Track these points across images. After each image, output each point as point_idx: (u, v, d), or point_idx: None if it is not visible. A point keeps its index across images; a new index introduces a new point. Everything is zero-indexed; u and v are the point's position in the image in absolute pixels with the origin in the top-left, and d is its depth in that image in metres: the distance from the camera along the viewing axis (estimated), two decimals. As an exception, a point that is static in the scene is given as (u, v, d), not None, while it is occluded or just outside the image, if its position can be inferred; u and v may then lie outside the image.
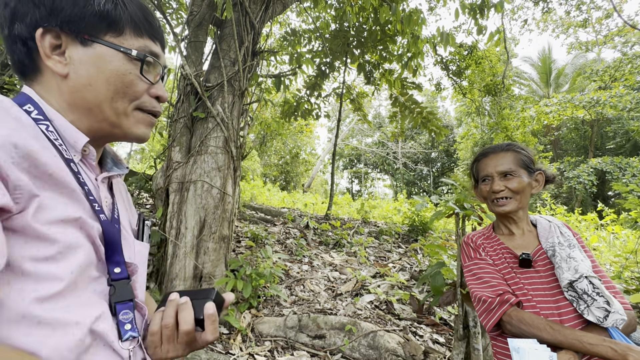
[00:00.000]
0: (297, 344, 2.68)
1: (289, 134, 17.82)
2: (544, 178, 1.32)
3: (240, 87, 3.03)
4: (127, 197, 0.79)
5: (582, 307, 1.09)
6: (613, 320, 1.04)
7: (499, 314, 1.15)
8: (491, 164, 1.28)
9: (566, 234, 1.28)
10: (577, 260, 1.16)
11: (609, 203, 17.68)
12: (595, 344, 0.95)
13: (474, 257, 1.35)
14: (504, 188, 1.24)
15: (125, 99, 0.60)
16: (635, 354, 0.86)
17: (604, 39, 11.89)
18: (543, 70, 21.57)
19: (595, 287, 1.10)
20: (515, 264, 1.28)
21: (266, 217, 6.56)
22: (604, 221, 8.62)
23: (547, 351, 0.95)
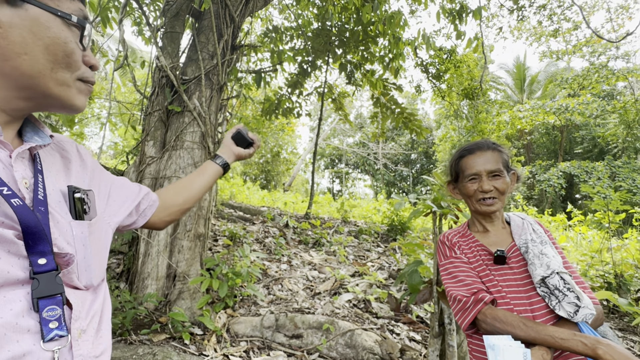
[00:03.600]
0: (274, 344, 2.63)
1: (270, 132, 17.66)
2: (516, 178, 1.34)
3: (218, 82, 2.95)
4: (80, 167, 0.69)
5: (553, 303, 1.11)
6: (583, 315, 1.06)
7: (474, 312, 1.14)
8: (479, 162, 1.26)
9: (538, 231, 1.30)
10: (549, 257, 1.18)
11: (577, 205, 18.56)
12: (567, 338, 0.96)
13: (449, 255, 1.34)
14: (492, 188, 1.24)
15: (67, 70, 0.54)
16: (604, 347, 0.88)
17: (573, 48, 12.46)
18: (517, 77, 22.42)
19: (566, 282, 1.12)
20: (490, 261, 1.28)
21: (245, 216, 6.46)
22: (572, 222, 9.04)
23: (521, 347, 0.96)
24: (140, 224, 0.88)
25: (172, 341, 2.32)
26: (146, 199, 0.87)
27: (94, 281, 0.60)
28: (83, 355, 0.55)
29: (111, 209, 0.75)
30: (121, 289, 2.70)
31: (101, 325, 0.61)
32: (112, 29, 3.47)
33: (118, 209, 0.77)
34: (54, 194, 0.58)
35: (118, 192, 0.79)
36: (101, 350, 0.59)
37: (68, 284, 0.55)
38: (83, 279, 0.57)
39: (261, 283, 3.52)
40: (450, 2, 5.14)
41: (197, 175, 1.02)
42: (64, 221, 0.57)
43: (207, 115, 2.82)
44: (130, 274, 2.85)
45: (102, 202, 0.73)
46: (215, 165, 1.06)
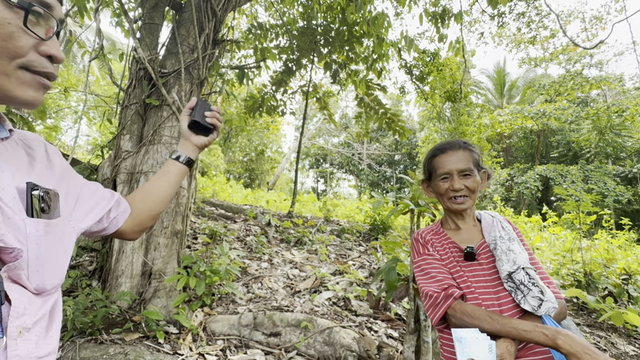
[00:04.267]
0: (252, 342, 2.61)
1: (255, 131, 17.50)
2: (486, 176, 1.37)
3: (199, 76, 2.90)
4: (45, 167, 0.66)
5: (519, 297, 1.14)
6: (546, 309, 1.10)
7: (444, 308, 1.16)
8: (451, 161, 1.28)
9: (507, 228, 1.34)
10: (516, 253, 1.22)
11: (551, 207, 19.26)
12: (529, 330, 0.99)
13: (422, 252, 1.36)
14: (463, 187, 1.26)
15: (4, 56, 0.50)
16: (563, 337, 0.91)
17: (550, 56, 12.91)
18: (498, 82, 23.08)
19: (531, 277, 1.16)
20: (461, 258, 1.31)
21: (227, 214, 6.38)
22: (547, 223, 9.38)
23: (486, 339, 0.98)
24: (111, 232, 0.84)
25: (145, 340, 2.26)
26: (118, 207, 0.84)
27: (47, 284, 0.57)
28: (21, 356, 0.52)
29: (78, 213, 0.72)
30: (93, 287, 2.62)
31: (52, 325, 0.58)
32: (90, 19, 3.36)
33: (86, 215, 0.74)
34: (9, 189, 0.55)
35: (88, 197, 0.76)
36: (48, 351, 0.56)
37: (15, 280, 0.53)
38: (34, 280, 0.55)
39: (240, 281, 3.49)
40: (433, 6, 5.24)
41: (159, 178, 0.98)
42: (16, 217, 0.54)
43: (186, 110, 2.76)
44: (103, 271, 2.76)
45: (69, 206, 0.70)
46: (178, 164, 1.01)
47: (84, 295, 2.33)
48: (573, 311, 4.37)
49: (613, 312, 3.49)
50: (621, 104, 16.77)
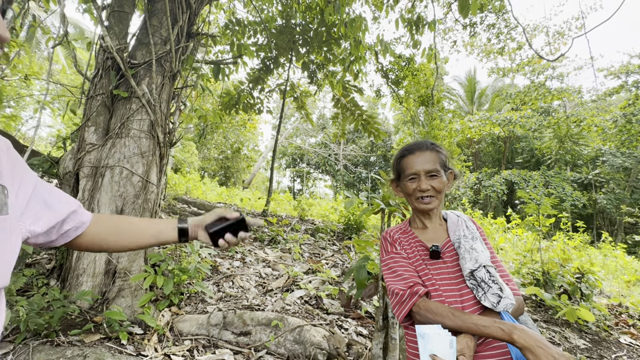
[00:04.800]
0: (221, 341, 2.57)
1: (231, 128, 17.19)
2: (453, 176, 1.41)
3: (171, 69, 2.81)
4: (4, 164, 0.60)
5: (480, 294, 1.19)
6: (504, 305, 1.15)
7: (410, 305, 1.18)
8: (418, 162, 1.31)
9: (471, 227, 1.39)
10: (478, 251, 1.27)
11: (516, 209, 20.30)
12: (488, 325, 1.03)
13: (390, 251, 1.38)
14: (430, 187, 1.29)
15: None
16: (518, 332, 0.96)
17: (517, 67, 13.61)
18: (469, 89, 24.04)
19: (492, 275, 1.21)
20: (427, 256, 1.34)
21: (199, 212, 6.22)
22: (511, 225, 9.86)
23: (448, 335, 1.02)
24: (59, 244, 0.76)
25: (107, 342, 2.17)
26: (74, 218, 0.76)
27: None
28: None
29: (29, 214, 0.66)
30: (51, 287, 2.47)
31: None
32: (55, 4, 3.17)
33: (37, 218, 0.67)
34: None
35: (41, 199, 0.68)
36: None
37: None
38: None
39: (211, 280, 3.42)
40: (408, 12, 5.38)
41: (147, 228, 0.90)
42: None
43: (157, 103, 2.67)
44: (62, 270, 2.62)
45: (20, 204, 0.64)
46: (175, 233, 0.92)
47: (39, 295, 2.20)
48: (532, 308, 4.63)
49: (567, 308, 3.73)
50: (579, 115, 17.96)
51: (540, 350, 0.90)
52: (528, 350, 0.92)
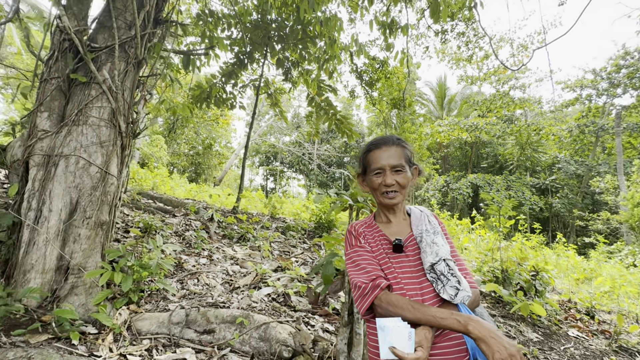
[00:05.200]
0: (182, 340, 2.48)
1: (202, 123, 16.70)
2: (417, 172, 1.43)
3: (136, 56, 2.68)
4: None
5: (439, 287, 1.21)
6: (461, 297, 1.18)
7: (371, 298, 1.18)
8: (384, 157, 1.31)
9: (433, 222, 1.42)
10: (439, 245, 1.29)
11: (480, 211, 21.29)
12: (445, 317, 1.06)
13: (354, 244, 1.38)
14: (394, 182, 1.30)
15: None
16: (473, 323, 0.99)
17: (484, 76, 14.28)
18: (439, 95, 24.91)
19: (451, 268, 1.24)
20: (390, 250, 1.35)
21: (166, 208, 5.99)
22: (475, 226, 10.31)
23: (407, 328, 1.04)
24: None
25: (55, 342, 2.02)
26: None
27: None
28: None
29: None
30: (-7, 284, 2.27)
31: None
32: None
33: None
34: None
35: None
36: None
37: None
38: None
39: (175, 277, 3.29)
40: (383, 15, 5.48)
41: None
42: None
43: (119, 91, 2.54)
44: (8, 266, 2.42)
45: None
46: None
47: (-21, 293, 2.02)
48: (491, 304, 4.86)
49: (522, 304, 3.96)
50: (539, 124, 19.14)
51: (492, 340, 0.93)
52: (481, 341, 0.95)
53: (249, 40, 6.30)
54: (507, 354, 0.89)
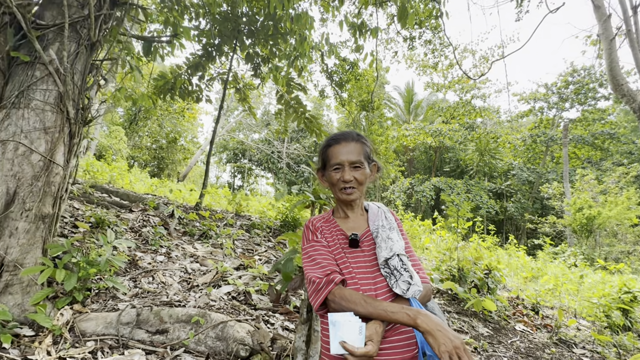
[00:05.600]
0: (132, 341, 2.35)
1: (167, 116, 15.98)
2: (376, 169, 1.45)
3: (89, 37, 2.50)
4: None
5: (392, 282, 1.23)
6: (412, 292, 1.20)
7: (325, 293, 1.18)
8: (343, 152, 1.31)
9: (389, 218, 1.44)
10: (394, 241, 1.31)
11: (442, 213, 22.26)
12: (396, 311, 1.07)
13: (311, 239, 1.37)
14: (353, 178, 1.30)
15: None
16: (422, 317, 1.01)
17: (448, 84, 14.94)
18: (407, 100, 25.73)
19: (404, 263, 1.26)
20: (346, 244, 1.36)
21: (122, 202, 5.65)
22: (436, 227, 10.75)
23: (358, 322, 1.04)
24: None
25: (-17, 345, 1.83)
26: None
27: None
28: None
29: None
30: None
31: None
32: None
33: None
34: None
35: None
36: None
37: None
38: None
39: (127, 275, 3.11)
40: (353, 17, 5.55)
41: None
42: None
43: (68, 73, 2.35)
44: None
45: None
46: None
47: None
48: (447, 301, 5.08)
49: (475, 300, 4.18)
50: (497, 132, 20.32)
51: (439, 333, 0.96)
52: (429, 334, 0.97)
53: (218, 33, 6.11)
54: (452, 346, 0.92)
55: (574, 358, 3.63)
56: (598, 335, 3.65)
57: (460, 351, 0.91)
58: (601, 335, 3.69)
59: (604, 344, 4.12)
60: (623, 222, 15.26)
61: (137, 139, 17.61)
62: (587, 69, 19.68)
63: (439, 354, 0.92)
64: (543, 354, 3.62)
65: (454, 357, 0.90)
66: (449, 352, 0.90)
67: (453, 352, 0.90)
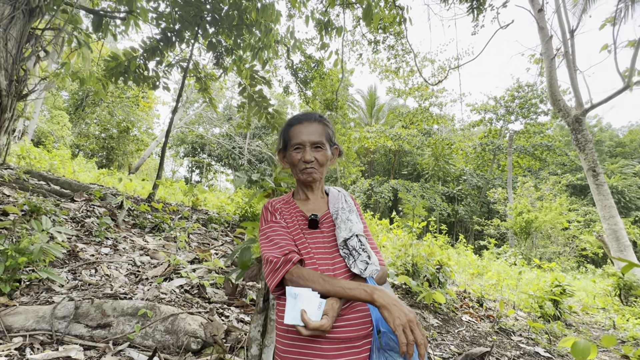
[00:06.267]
0: (69, 336, 2.14)
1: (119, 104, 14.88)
2: (337, 152, 1.46)
3: (28, 2, 2.25)
4: None
5: (350, 262, 1.25)
6: (370, 271, 1.23)
7: (282, 273, 1.16)
8: (305, 132, 1.30)
9: (349, 202, 1.46)
10: (353, 222, 1.34)
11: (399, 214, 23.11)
12: (353, 288, 1.09)
13: (269, 220, 1.36)
14: (313, 159, 1.29)
15: None
16: (378, 292, 1.04)
17: (409, 90, 15.58)
18: (369, 103, 26.43)
19: (362, 244, 1.29)
20: (305, 225, 1.35)
21: (63, 191, 5.16)
22: (393, 226, 11.14)
23: (317, 297, 1.04)
24: None
25: None
26: None
27: None
28: None
29: None
30: None
31: None
32: None
33: None
34: None
35: None
36: None
37: None
38: None
39: (66, 267, 2.84)
40: (320, 15, 5.58)
41: None
42: None
43: (1, 39, 2.10)
44: None
45: None
46: None
47: None
48: (402, 294, 5.27)
49: (426, 293, 4.39)
50: (451, 139, 21.57)
51: (394, 307, 0.99)
52: (385, 308, 0.99)
53: (179, 18, 5.82)
54: (406, 319, 0.95)
55: (512, 344, 3.94)
56: (533, 324, 4.00)
57: (413, 324, 0.94)
58: (535, 323, 4.06)
59: (537, 331, 4.52)
60: (556, 225, 16.93)
61: (84, 126, 16.20)
62: (531, 85, 21.60)
63: (394, 327, 0.94)
64: (486, 342, 3.89)
65: (407, 330, 0.93)
66: (402, 325, 0.93)
67: (407, 325, 0.93)
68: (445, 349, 3.49)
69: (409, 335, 0.91)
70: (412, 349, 0.91)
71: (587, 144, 8.63)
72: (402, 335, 0.92)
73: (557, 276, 5.95)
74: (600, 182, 8.38)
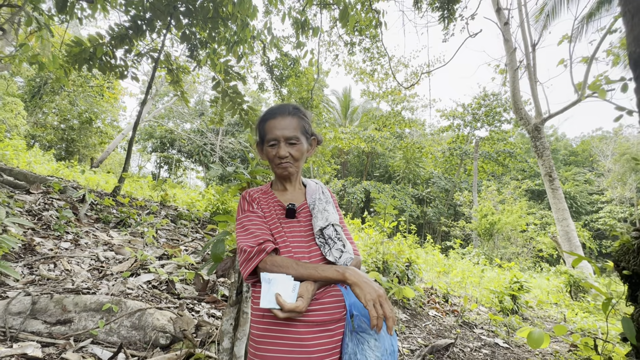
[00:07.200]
0: (24, 333, 2.01)
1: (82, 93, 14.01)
2: (316, 143, 1.48)
3: (-13, -27, 2.09)
4: None
5: (325, 250, 1.28)
6: (345, 259, 1.27)
7: (257, 261, 1.17)
8: (279, 127, 1.29)
9: (326, 194, 1.50)
10: (329, 212, 1.37)
11: (370, 214, 23.54)
12: (325, 269, 1.13)
13: (246, 210, 1.36)
14: (288, 154, 1.29)
15: None
16: (350, 271, 1.09)
17: (383, 94, 15.94)
18: (344, 105, 26.74)
19: (338, 233, 1.33)
20: (282, 215, 1.37)
21: (17, 182, 4.80)
22: (365, 226, 11.34)
23: (291, 281, 1.07)
24: None
25: None
26: None
27: None
28: None
29: None
30: None
31: None
32: None
33: None
34: None
35: None
36: None
37: None
38: None
39: (21, 261, 2.66)
40: (297, 14, 5.59)
41: None
42: None
43: (-46, 11, 1.93)
44: None
45: None
46: None
47: None
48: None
49: (396, 289, 4.53)
50: (421, 143, 22.29)
51: (365, 284, 1.04)
52: (356, 285, 1.05)
53: (150, 6, 5.61)
54: (376, 295, 1.01)
55: (474, 336, 4.15)
56: (494, 317, 4.25)
57: (382, 299, 1.01)
58: (496, 317, 4.32)
59: (497, 324, 4.80)
60: (516, 228, 17.98)
61: (41, 115, 15.11)
62: (496, 94, 22.79)
63: (365, 302, 1.00)
64: (450, 334, 4.08)
65: (377, 305, 0.99)
66: (373, 300, 0.99)
67: (377, 300, 1.00)
68: (413, 341, 3.62)
69: (379, 309, 0.97)
70: (381, 322, 0.97)
71: (544, 150, 9.26)
72: (372, 309, 0.97)
73: (516, 274, 6.34)
74: (555, 187, 9.02)
